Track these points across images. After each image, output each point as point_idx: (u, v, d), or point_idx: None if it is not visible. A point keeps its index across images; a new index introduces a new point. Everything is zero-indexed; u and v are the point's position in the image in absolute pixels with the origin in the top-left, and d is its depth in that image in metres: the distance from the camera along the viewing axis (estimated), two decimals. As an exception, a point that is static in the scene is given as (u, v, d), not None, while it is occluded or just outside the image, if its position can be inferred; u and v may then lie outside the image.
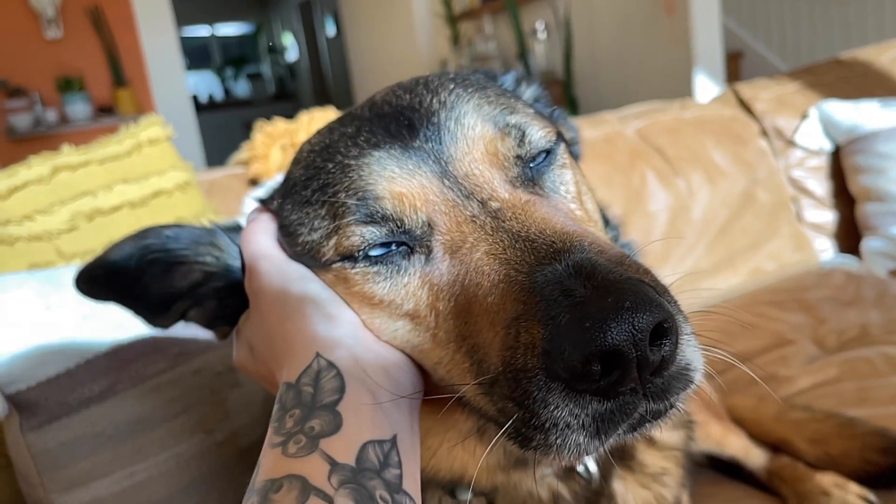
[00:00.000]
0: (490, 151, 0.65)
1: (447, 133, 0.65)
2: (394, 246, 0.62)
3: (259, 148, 1.78)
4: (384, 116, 0.68)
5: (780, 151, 2.39)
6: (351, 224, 0.62)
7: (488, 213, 0.60)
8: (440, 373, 0.62)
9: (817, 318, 1.88)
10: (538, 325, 0.49)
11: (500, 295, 0.53)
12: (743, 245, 2.21)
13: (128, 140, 1.55)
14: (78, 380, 0.99)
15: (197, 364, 1.09)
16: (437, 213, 0.61)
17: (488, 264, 0.56)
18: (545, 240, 0.55)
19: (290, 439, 0.54)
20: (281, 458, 0.53)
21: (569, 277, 0.50)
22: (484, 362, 0.55)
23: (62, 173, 1.40)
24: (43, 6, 5.85)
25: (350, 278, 0.64)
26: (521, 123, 0.67)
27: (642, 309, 0.46)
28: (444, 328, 0.60)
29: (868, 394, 1.48)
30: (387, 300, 0.62)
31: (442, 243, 0.61)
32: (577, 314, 0.47)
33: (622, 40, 4.79)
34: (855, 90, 2.47)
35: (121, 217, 1.42)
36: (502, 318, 0.52)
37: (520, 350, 0.50)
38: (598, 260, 0.51)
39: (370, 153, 0.64)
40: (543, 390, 0.49)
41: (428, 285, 0.61)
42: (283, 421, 0.56)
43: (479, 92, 0.70)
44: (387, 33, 7.68)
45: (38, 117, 5.85)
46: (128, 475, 1.01)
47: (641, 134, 2.25)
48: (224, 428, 1.11)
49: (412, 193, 0.61)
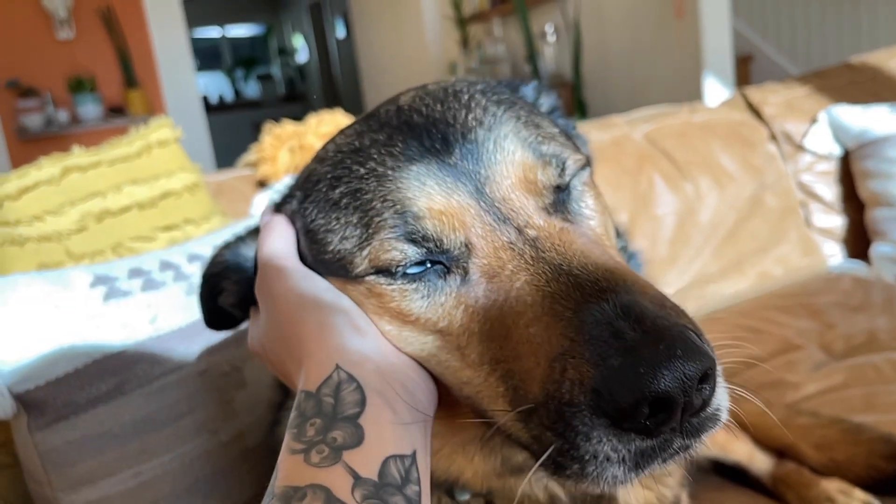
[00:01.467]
0: (529, 179, 0.65)
1: (485, 154, 0.64)
2: (428, 263, 0.62)
3: (267, 150, 1.79)
4: (414, 126, 0.67)
5: (788, 156, 2.39)
6: (391, 239, 0.61)
7: (526, 241, 0.60)
8: (466, 391, 0.63)
9: (825, 323, 1.87)
10: (587, 364, 0.50)
11: (544, 328, 0.54)
12: (751, 249, 2.20)
13: (137, 141, 1.56)
14: (86, 380, 1.00)
15: (203, 365, 1.10)
16: (475, 236, 0.61)
17: (531, 295, 0.56)
18: (588, 276, 0.55)
19: (313, 448, 0.54)
20: (303, 465, 0.53)
21: (617, 319, 0.51)
22: (520, 389, 0.56)
23: (72, 174, 1.42)
24: (55, 7, 5.88)
25: (385, 294, 0.63)
26: (560, 153, 0.68)
27: (692, 357, 0.49)
28: (476, 350, 0.60)
29: (875, 400, 1.47)
30: (422, 318, 0.62)
31: (479, 266, 0.61)
32: (631, 359, 0.48)
33: (631, 43, 4.79)
34: (865, 95, 2.46)
35: (129, 218, 1.43)
36: (546, 351, 0.53)
37: (566, 385, 0.51)
38: (645, 303, 0.53)
39: (408, 166, 0.64)
40: (588, 425, 0.51)
41: (463, 306, 0.61)
42: (304, 429, 0.56)
43: (512, 111, 0.70)
44: (396, 35, 7.69)
45: (50, 117, 5.89)
46: (134, 474, 1.02)
47: (649, 138, 2.25)
48: (230, 428, 1.12)
49: (451, 213, 0.61)
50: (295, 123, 1.85)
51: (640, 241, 2.07)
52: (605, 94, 5.10)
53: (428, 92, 0.73)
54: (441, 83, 0.76)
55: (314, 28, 12.68)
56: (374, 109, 0.76)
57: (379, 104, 0.78)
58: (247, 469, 1.13)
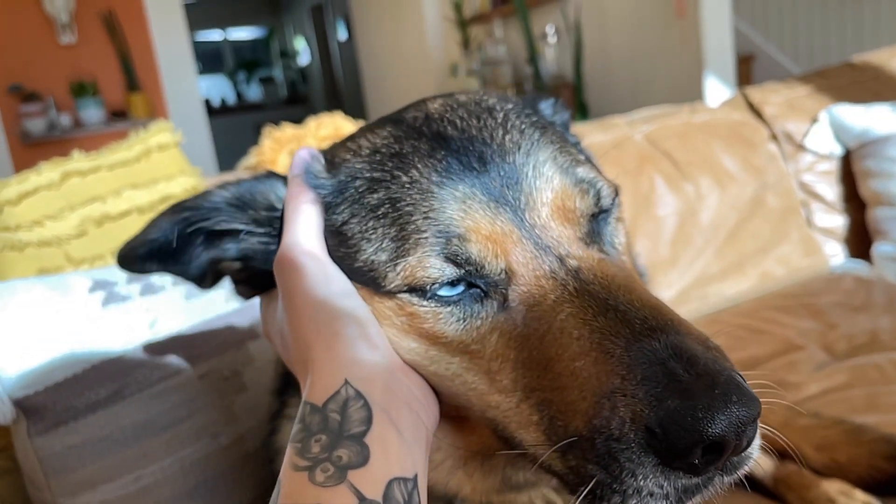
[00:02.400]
0: (568, 207, 0.64)
1: (525, 180, 0.64)
2: (463, 285, 0.62)
3: (267, 153, 1.79)
4: (450, 140, 0.66)
5: (789, 156, 2.38)
6: (430, 257, 0.60)
7: (568, 272, 0.60)
8: (492, 415, 0.62)
9: (827, 323, 1.86)
10: (641, 404, 0.51)
11: (592, 363, 0.54)
12: (752, 250, 2.20)
13: (137, 146, 1.57)
14: (85, 384, 1.00)
15: (203, 369, 1.10)
16: (516, 263, 0.61)
17: (577, 328, 0.56)
18: (636, 313, 0.56)
19: (318, 466, 0.53)
20: (308, 484, 0.52)
21: (669, 359, 0.52)
22: (558, 420, 0.56)
23: (72, 179, 1.42)
24: (57, 12, 5.90)
25: (418, 314, 0.62)
26: (594, 180, 0.67)
27: (745, 403, 0.50)
28: (509, 376, 0.60)
29: (877, 400, 1.47)
30: (455, 340, 0.62)
31: (519, 294, 0.60)
32: (689, 403, 0.49)
33: (633, 44, 4.78)
34: (867, 94, 2.45)
35: (129, 222, 1.43)
36: (595, 387, 0.53)
37: (615, 421, 0.51)
38: (693, 344, 0.54)
39: (453, 185, 0.63)
40: (635, 462, 0.51)
41: (499, 332, 0.61)
42: (309, 445, 0.55)
43: (547, 136, 0.69)
44: (397, 37, 7.70)
45: (53, 122, 5.91)
46: (134, 479, 1.02)
47: (650, 138, 2.25)
48: (230, 432, 1.12)
49: (494, 238, 0.61)
50: (294, 127, 1.86)
51: (641, 242, 2.07)
52: (606, 94, 5.10)
53: (460, 103, 0.72)
54: (470, 94, 0.75)
55: (316, 30, 12.70)
56: (398, 113, 0.75)
57: (403, 108, 0.76)
58: (247, 473, 1.13)
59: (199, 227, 0.70)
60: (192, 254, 0.72)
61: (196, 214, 0.70)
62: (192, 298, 1.14)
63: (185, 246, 0.71)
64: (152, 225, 0.70)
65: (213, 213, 0.70)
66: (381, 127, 0.72)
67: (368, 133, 0.72)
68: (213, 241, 0.72)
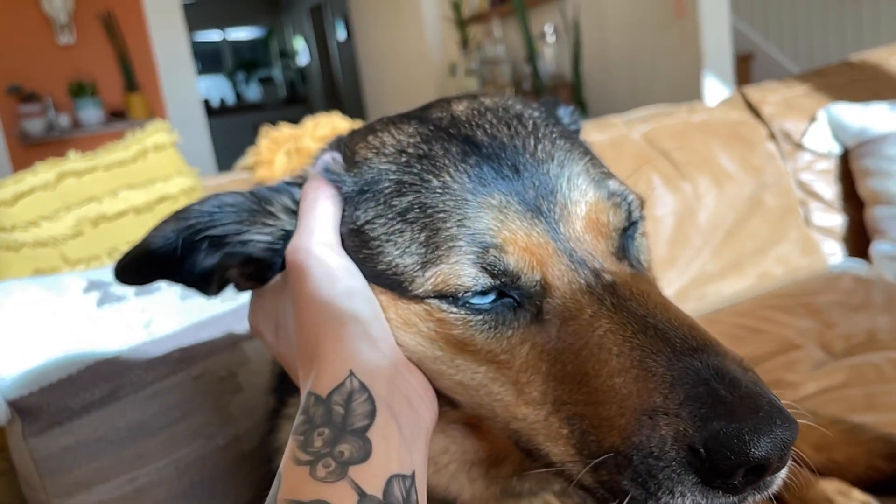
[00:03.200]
0: (601, 221, 0.64)
1: (559, 192, 0.63)
2: (494, 293, 0.61)
3: (264, 153, 1.79)
4: (481, 146, 0.65)
5: (788, 155, 2.38)
6: (465, 265, 0.59)
7: (605, 287, 0.59)
8: (516, 426, 0.62)
9: (825, 322, 1.86)
10: (684, 423, 0.51)
11: (633, 380, 0.54)
12: (750, 249, 2.20)
13: (133, 146, 1.57)
14: (80, 385, 1.00)
15: (198, 370, 1.10)
16: (551, 276, 0.60)
17: (616, 345, 0.56)
18: (676, 332, 0.56)
19: (319, 461, 0.53)
20: (308, 479, 0.52)
21: (712, 380, 0.52)
22: (590, 435, 0.56)
23: (68, 179, 1.42)
24: (56, 12, 5.90)
25: (448, 320, 0.61)
26: (625, 193, 0.67)
27: (787, 426, 0.51)
28: (539, 388, 0.59)
29: (875, 399, 1.47)
30: (484, 349, 0.61)
31: (554, 307, 0.60)
32: (735, 425, 0.50)
33: (631, 43, 4.78)
34: (865, 93, 2.45)
35: (126, 223, 1.43)
36: (635, 404, 0.53)
37: (656, 439, 0.52)
38: (734, 366, 0.54)
39: (489, 193, 0.62)
40: (674, 480, 0.52)
41: (530, 343, 0.60)
42: (311, 438, 0.55)
43: (577, 147, 0.69)
44: (396, 37, 7.70)
45: (52, 122, 5.91)
46: (129, 480, 1.02)
47: (648, 138, 2.24)
48: (226, 433, 1.12)
49: (531, 250, 0.60)
50: (292, 126, 1.85)
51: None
52: (605, 94, 5.10)
53: (487, 107, 0.71)
54: (495, 98, 0.74)
55: (315, 30, 12.70)
56: (421, 111, 0.73)
57: (425, 105, 0.75)
58: (243, 474, 1.13)
59: (206, 234, 0.68)
60: (197, 261, 0.70)
61: (202, 222, 0.67)
62: (188, 299, 1.14)
63: (189, 253, 0.69)
64: (155, 233, 0.68)
65: (220, 219, 0.68)
66: (406, 124, 0.71)
67: (392, 129, 0.70)
68: (219, 248, 0.70)
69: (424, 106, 0.75)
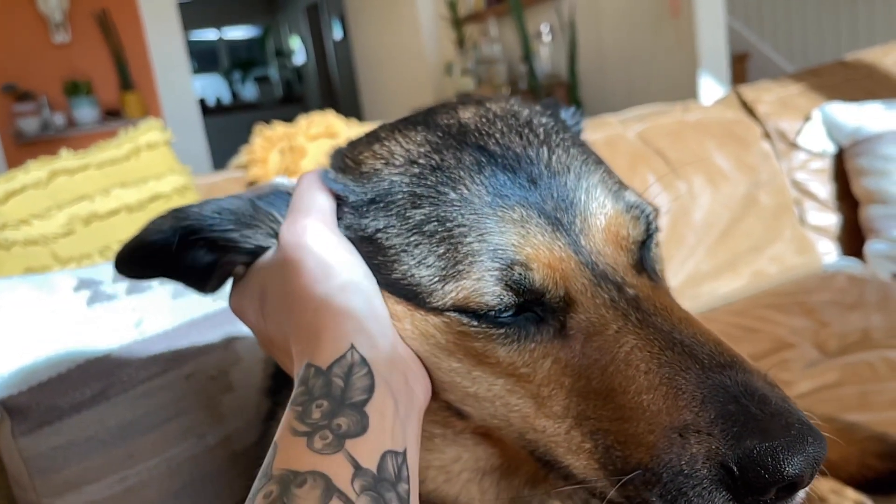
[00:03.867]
0: (621, 235, 0.63)
1: (579, 204, 0.62)
2: (515, 308, 0.60)
3: (258, 152, 1.79)
4: (493, 155, 0.63)
5: (782, 154, 2.38)
6: (489, 283, 0.58)
7: (629, 302, 0.59)
8: (533, 437, 0.61)
9: (819, 321, 1.86)
10: (717, 441, 0.51)
11: (662, 397, 0.54)
12: (745, 248, 2.20)
13: (126, 144, 1.56)
14: (69, 384, 0.99)
15: (189, 369, 1.09)
16: (575, 291, 0.59)
17: (644, 361, 0.55)
18: (703, 349, 0.55)
19: (317, 433, 0.53)
20: (305, 450, 0.52)
21: (742, 397, 0.52)
22: (615, 450, 0.56)
23: (60, 178, 1.41)
24: (51, 11, 5.89)
25: (469, 333, 0.60)
26: (642, 205, 0.66)
27: (818, 444, 0.50)
28: (561, 403, 0.59)
29: (869, 398, 1.47)
30: (504, 362, 0.60)
31: (578, 322, 0.59)
32: (770, 443, 0.49)
33: (627, 42, 4.78)
34: (859, 92, 2.45)
35: (118, 221, 1.43)
36: (665, 421, 0.53)
37: (687, 457, 0.51)
38: (761, 383, 0.54)
39: (510, 206, 0.60)
40: (704, 497, 0.51)
41: (553, 358, 0.59)
42: (310, 410, 0.54)
43: (591, 156, 0.68)
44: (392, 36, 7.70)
45: (46, 121, 5.89)
46: (119, 480, 1.01)
47: (643, 137, 2.24)
48: (217, 432, 1.12)
49: (555, 266, 0.59)
50: (285, 125, 1.85)
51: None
52: (601, 93, 5.10)
53: (496, 115, 0.69)
54: (502, 104, 0.72)
55: (311, 30, 12.69)
56: (427, 116, 0.71)
57: (429, 109, 0.73)
58: (235, 473, 1.12)
59: (203, 237, 0.66)
60: (195, 258, 0.68)
61: (198, 224, 0.66)
62: (179, 298, 1.13)
63: (186, 250, 0.67)
64: (151, 227, 0.66)
65: (218, 225, 0.66)
66: (412, 131, 0.69)
67: (399, 137, 0.68)
68: (217, 249, 0.68)
69: (428, 110, 0.73)
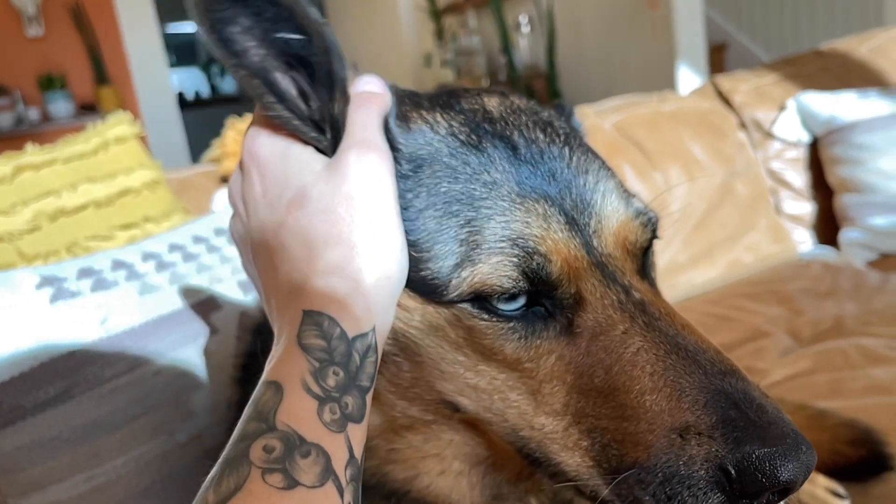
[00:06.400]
0: (630, 240, 0.64)
1: (595, 206, 0.63)
2: (523, 299, 0.60)
3: (230, 145, 1.77)
4: (518, 147, 0.63)
5: (758, 143, 2.39)
6: (507, 267, 0.58)
7: (635, 305, 0.60)
8: (528, 434, 0.61)
9: (793, 310, 1.87)
10: (716, 444, 0.52)
11: (665, 398, 0.55)
12: (721, 238, 2.21)
13: (94, 138, 1.53)
14: (32, 383, 0.97)
15: (157, 366, 1.08)
16: (585, 290, 0.60)
17: (650, 363, 0.56)
18: (705, 355, 0.57)
19: (328, 403, 0.51)
20: (314, 417, 0.49)
21: (741, 403, 0.53)
22: (612, 449, 0.56)
23: (25, 173, 1.39)
24: (24, 4, 5.78)
25: (478, 328, 0.60)
26: (648, 211, 0.67)
27: (812, 453, 0.52)
28: (562, 400, 0.59)
29: (841, 385, 1.48)
30: (510, 357, 0.60)
31: (585, 321, 0.60)
32: (768, 449, 0.51)
33: (606, 33, 4.78)
34: (834, 81, 2.47)
35: (85, 217, 1.40)
36: (666, 422, 0.54)
37: (685, 458, 0.53)
38: (759, 393, 0.55)
39: (536, 199, 0.61)
40: (700, 499, 0.53)
41: (557, 355, 0.60)
42: (326, 372, 0.51)
43: (604, 161, 0.69)
44: (371, 28, 7.65)
45: (21, 116, 5.80)
46: (86, 479, 0.99)
47: (619, 127, 2.24)
48: (187, 429, 1.10)
49: (570, 262, 0.60)
50: (258, 118, 1.83)
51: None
52: (579, 84, 5.10)
53: (520, 108, 0.69)
54: (522, 99, 0.73)
55: (290, 22, 12.57)
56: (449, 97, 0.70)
57: (451, 90, 0.72)
58: (205, 470, 1.10)
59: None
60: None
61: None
62: (147, 294, 1.12)
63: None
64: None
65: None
66: (450, 105, 0.68)
67: (440, 109, 0.68)
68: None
69: (448, 91, 0.72)
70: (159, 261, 1.18)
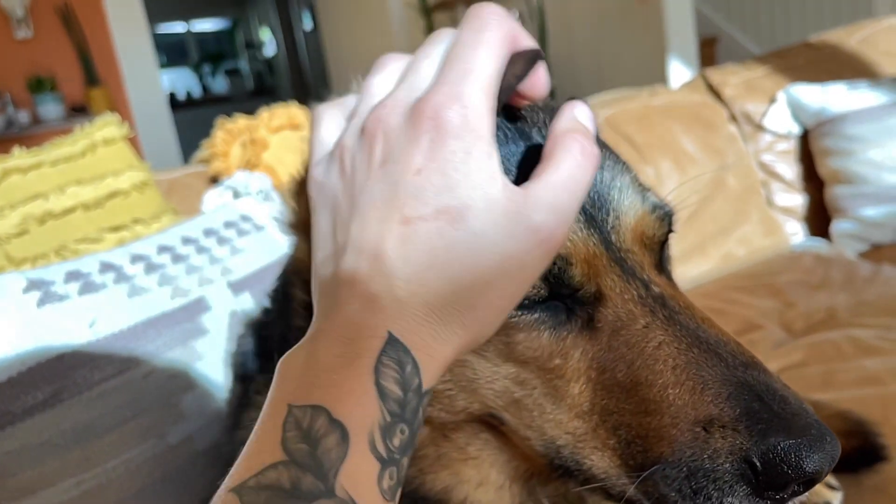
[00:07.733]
0: (647, 234, 0.64)
1: (612, 202, 0.62)
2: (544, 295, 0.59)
3: (219, 145, 1.76)
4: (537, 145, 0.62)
5: (749, 136, 2.39)
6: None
7: (655, 299, 0.59)
8: (563, 442, 0.60)
9: (786, 302, 1.88)
10: (741, 437, 0.51)
11: (688, 392, 0.54)
12: (713, 231, 2.21)
13: (81, 140, 1.53)
14: (20, 388, 0.97)
15: (147, 368, 1.07)
16: (605, 286, 0.59)
17: (672, 357, 0.56)
18: (726, 348, 0.56)
19: (388, 467, 0.44)
20: (374, 485, 0.43)
21: (764, 395, 0.53)
22: (636, 445, 0.56)
23: (12, 176, 1.38)
24: (12, 6, 5.75)
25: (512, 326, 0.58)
26: (664, 205, 0.66)
27: (835, 445, 0.51)
28: (588, 399, 0.59)
29: (833, 377, 1.48)
30: (545, 353, 0.59)
31: (605, 316, 0.59)
32: (793, 441, 0.50)
33: (596, 28, 4.78)
34: (824, 73, 2.47)
35: (74, 219, 1.39)
36: (690, 416, 0.54)
37: (710, 451, 0.52)
38: (781, 385, 0.55)
39: None
40: (725, 491, 0.52)
41: (582, 349, 0.59)
42: (394, 430, 0.45)
43: (619, 156, 0.68)
44: (362, 26, 7.64)
45: (10, 118, 5.77)
46: (76, 483, 0.99)
47: (610, 122, 2.24)
48: (178, 431, 1.10)
49: (589, 261, 0.59)
50: (247, 118, 1.82)
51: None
52: (571, 79, 5.10)
53: (538, 106, 0.68)
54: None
55: (281, 21, 12.55)
56: None
57: None
58: (197, 473, 1.10)
59: None
60: None
61: None
62: (135, 296, 1.11)
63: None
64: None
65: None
66: None
67: None
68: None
69: None
70: (148, 262, 1.18)
